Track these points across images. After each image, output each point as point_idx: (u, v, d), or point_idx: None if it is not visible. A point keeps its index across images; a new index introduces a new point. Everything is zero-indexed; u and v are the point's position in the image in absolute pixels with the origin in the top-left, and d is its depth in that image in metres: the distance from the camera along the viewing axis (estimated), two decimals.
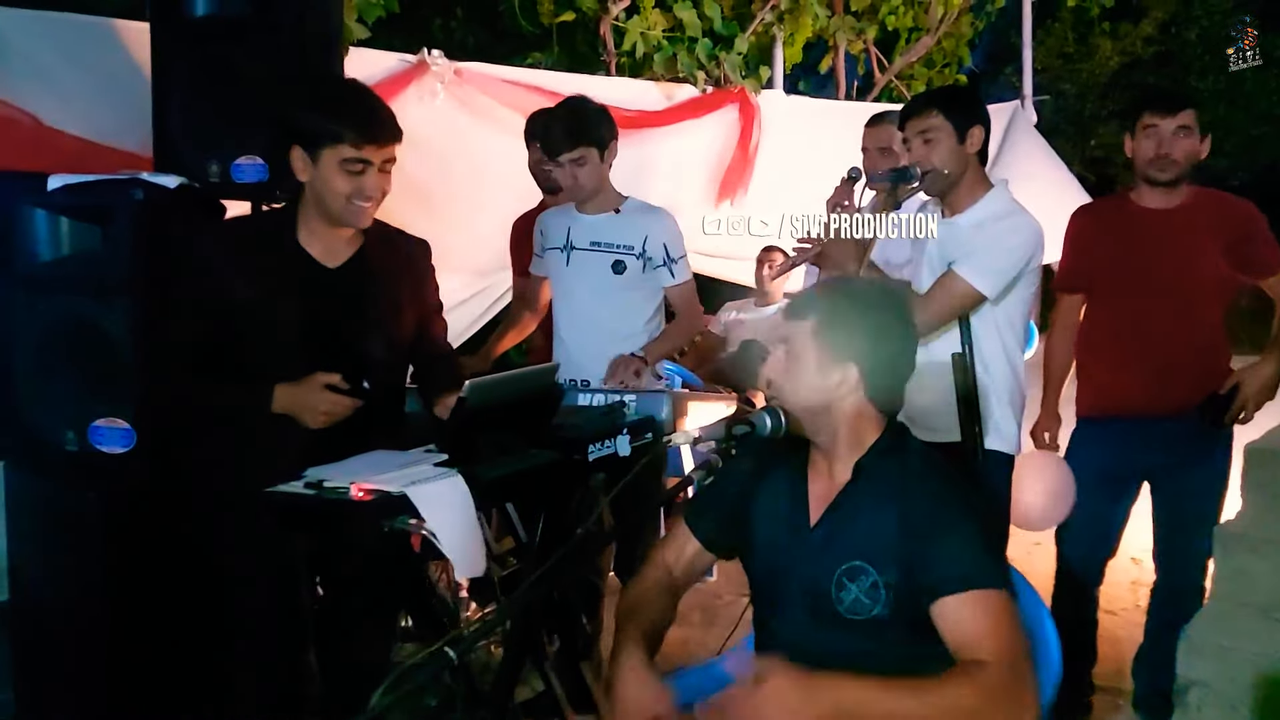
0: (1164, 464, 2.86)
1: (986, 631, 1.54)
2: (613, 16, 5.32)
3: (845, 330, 1.69)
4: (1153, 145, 2.81)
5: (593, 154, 2.88)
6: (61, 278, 2.59)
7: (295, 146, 2.21)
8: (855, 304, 1.74)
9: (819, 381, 1.68)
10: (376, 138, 2.17)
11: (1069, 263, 3.05)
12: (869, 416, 1.72)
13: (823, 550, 1.68)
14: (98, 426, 2.57)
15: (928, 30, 6.92)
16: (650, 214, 3.01)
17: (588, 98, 3.02)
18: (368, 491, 1.75)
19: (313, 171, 2.19)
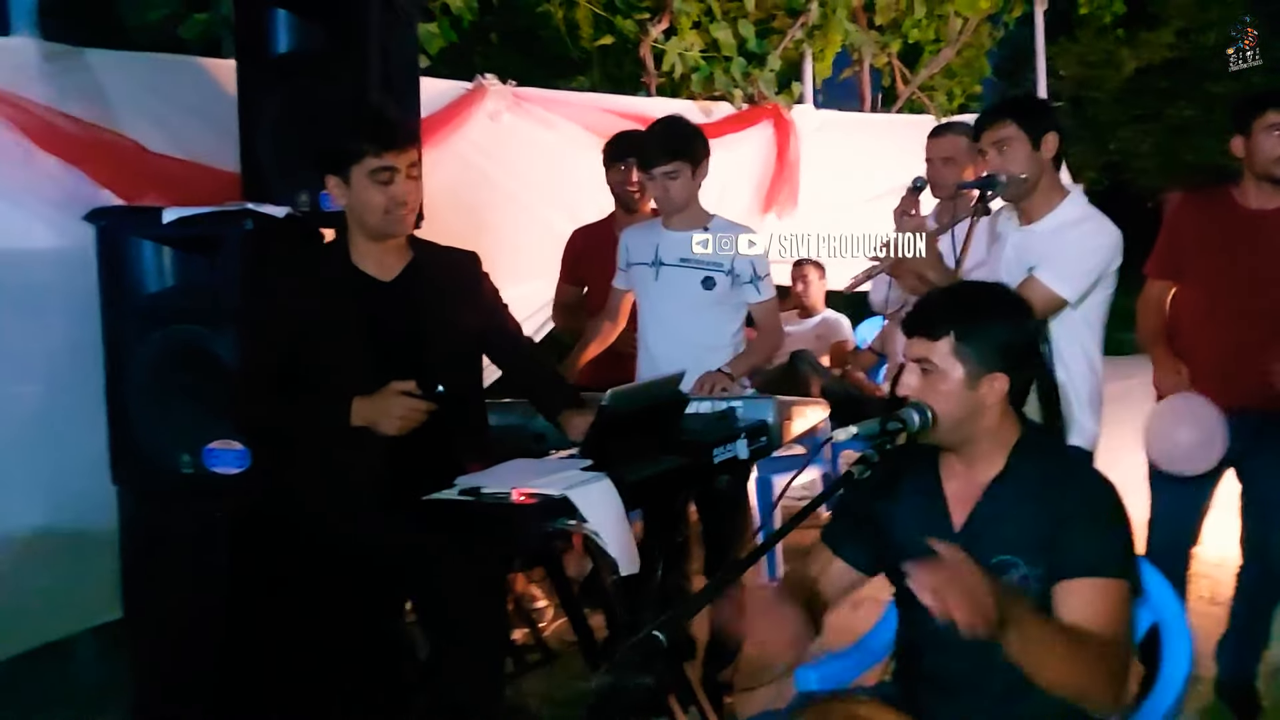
0: (1249, 452, 2.90)
1: (1104, 616, 1.62)
2: (652, 38, 5.44)
3: (983, 340, 1.73)
4: (1276, 142, 2.83)
5: (685, 169, 2.96)
6: (174, 307, 2.69)
7: (329, 177, 2.33)
8: (984, 312, 1.78)
9: (967, 395, 1.72)
10: (394, 143, 2.29)
11: (1165, 250, 3.10)
12: (1010, 417, 1.79)
13: (970, 547, 1.72)
14: (212, 449, 2.67)
15: (948, 42, 7.05)
16: (739, 232, 3.10)
17: (682, 116, 3.12)
18: (529, 495, 1.83)
19: (349, 194, 2.31)
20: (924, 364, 1.74)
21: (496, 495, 1.87)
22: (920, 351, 1.74)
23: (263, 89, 2.98)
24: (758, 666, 3.37)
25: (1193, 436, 2.80)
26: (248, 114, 2.98)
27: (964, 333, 1.72)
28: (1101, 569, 1.64)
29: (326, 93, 2.93)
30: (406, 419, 2.18)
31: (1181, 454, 2.83)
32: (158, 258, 2.73)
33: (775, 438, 2.35)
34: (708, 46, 5.47)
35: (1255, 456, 2.92)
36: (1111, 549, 1.67)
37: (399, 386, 2.19)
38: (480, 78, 4.33)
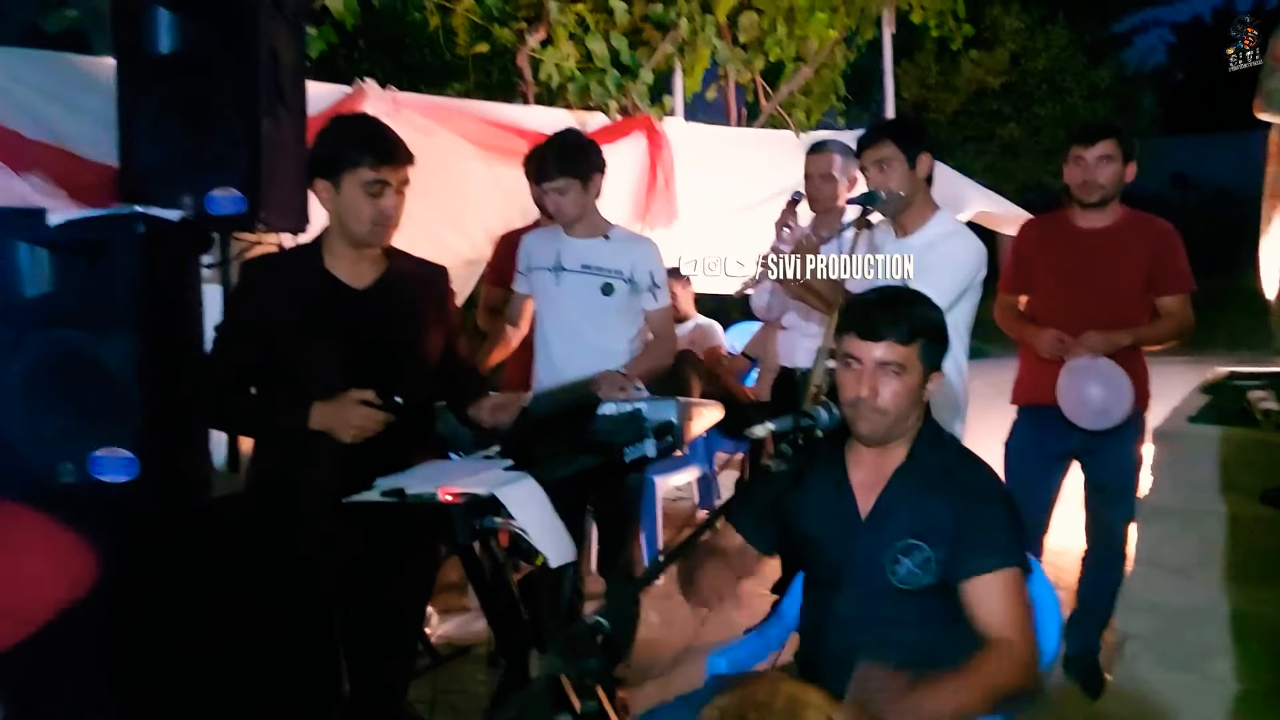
0: (1088, 445, 3.21)
1: (1011, 608, 1.80)
2: (529, 48, 5.50)
3: (938, 347, 1.92)
4: (1080, 172, 3.19)
5: (575, 185, 3.06)
6: (55, 311, 2.59)
7: (318, 179, 2.33)
8: (940, 323, 1.96)
9: (919, 393, 1.91)
10: (393, 159, 2.32)
11: (1013, 270, 3.41)
12: (922, 412, 1.97)
13: (877, 533, 1.90)
14: (99, 457, 2.58)
15: (807, 61, 7.37)
16: (637, 242, 3.23)
17: (580, 132, 3.20)
18: (457, 494, 1.87)
19: (336, 199, 2.31)
20: (890, 366, 1.88)
21: (422, 495, 1.90)
22: (888, 355, 1.88)
23: (143, 88, 2.91)
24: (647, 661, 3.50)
25: (1103, 390, 3.06)
26: (127, 113, 2.91)
27: (928, 339, 1.90)
28: (1004, 560, 1.83)
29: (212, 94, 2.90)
30: (363, 427, 2.20)
31: (1099, 407, 3.08)
32: (39, 260, 2.62)
33: (679, 437, 2.46)
34: (583, 58, 5.56)
35: (1098, 450, 3.23)
36: (1009, 538, 1.86)
37: (358, 395, 2.20)
38: (360, 81, 4.30)
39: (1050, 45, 14.34)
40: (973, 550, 1.82)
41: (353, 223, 2.31)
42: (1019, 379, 3.33)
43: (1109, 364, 3.07)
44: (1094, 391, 3.06)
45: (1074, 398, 3.10)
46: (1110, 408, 3.06)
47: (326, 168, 2.32)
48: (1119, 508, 3.24)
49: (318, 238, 2.40)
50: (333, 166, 2.31)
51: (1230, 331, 7.27)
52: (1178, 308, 3.22)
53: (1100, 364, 3.07)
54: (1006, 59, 14.10)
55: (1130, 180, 3.21)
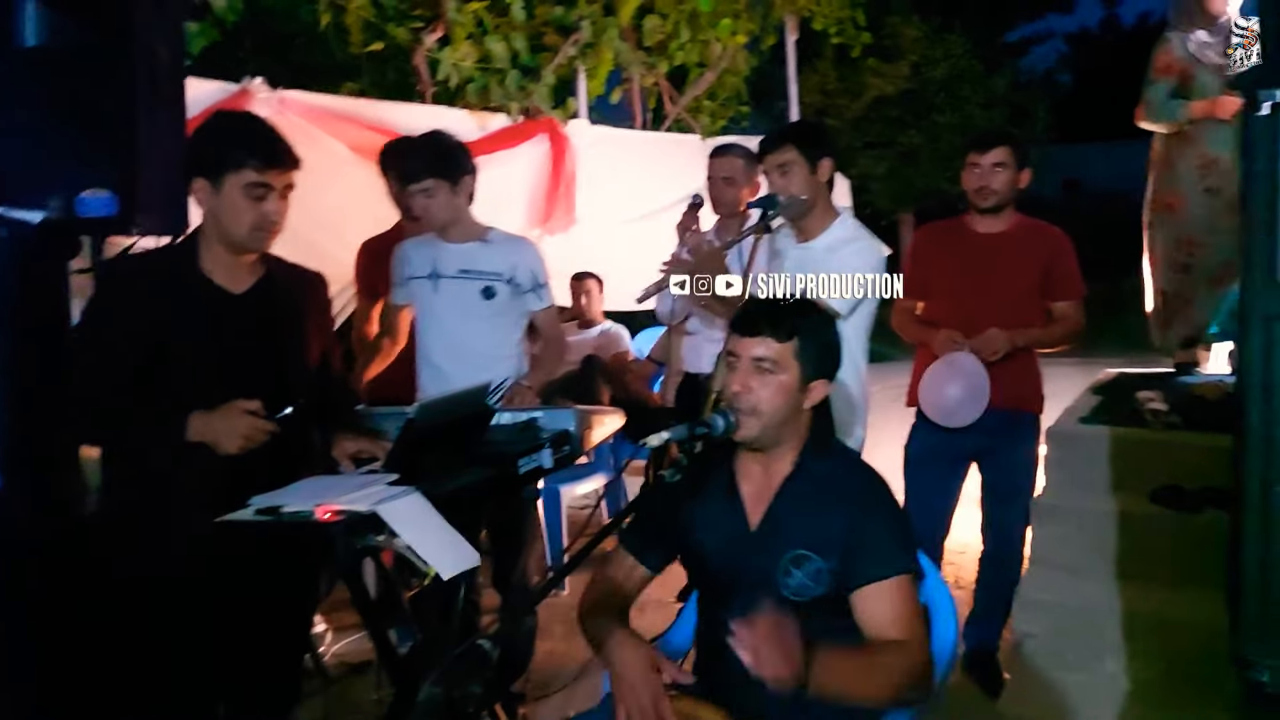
0: (985, 447, 3.25)
1: (902, 615, 1.78)
2: (426, 47, 5.37)
3: (821, 350, 1.88)
4: (975, 178, 3.25)
5: (443, 186, 2.96)
6: None
7: (197, 178, 2.20)
8: (826, 327, 1.93)
9: (795, 396, 1.86)
10: (278, 163, 2.21)
11: (912, 273, 3.43)
12: (808, 420, 1.93)
13: (768, 544, 1.87)
14: None
15: (710, 66, 7.38)
16: (516, 243, 3.14)
17: (447, 133, 3.10)
18: (335, 513, 1.78)
19: (214, 200, 2.19)
20: (764, 363, 1.84)
21: (299, 514, 1.80)
22: (763, 351, 1.85)
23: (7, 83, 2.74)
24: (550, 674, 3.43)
25: (961, 392, 3.09)
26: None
27: (808, 340, 1.85)
28: (895, 567, 1.80)
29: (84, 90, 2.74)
30: (249, 439, 2.08)
31: (952, 407, 3.11)
32: None
33: (577, 447, 2.40)
34: (483, 58, 5.45)
35: (994, 452, 3.28)
36: (900, 545, 1.83)
37: (244, 405, 2.09)
38: (247, 80, 4.14)
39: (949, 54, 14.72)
40: (863, 559, 1.80)
41: (232, 226, 2.19)
42: (914, 382, 3.35)
43: (975, 365, 3.09)
44: (952, 391, 3.09)
45: (933, 393, 3.14)
46: (961, 409, 3.10)
47: (207, 166, 2.20)
48: (1014, 508, 3.29)
49: (190, 238, 2.27)
50: (214, 165, 2.19)
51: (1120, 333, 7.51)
52: (1070, 312, 3.29)
53: (967, 365, 3.10)
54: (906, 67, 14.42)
55: (1024, 186, 3.27)
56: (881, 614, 1.78)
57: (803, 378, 1.86)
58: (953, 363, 3.11)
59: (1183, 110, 4.16)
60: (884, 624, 1.77)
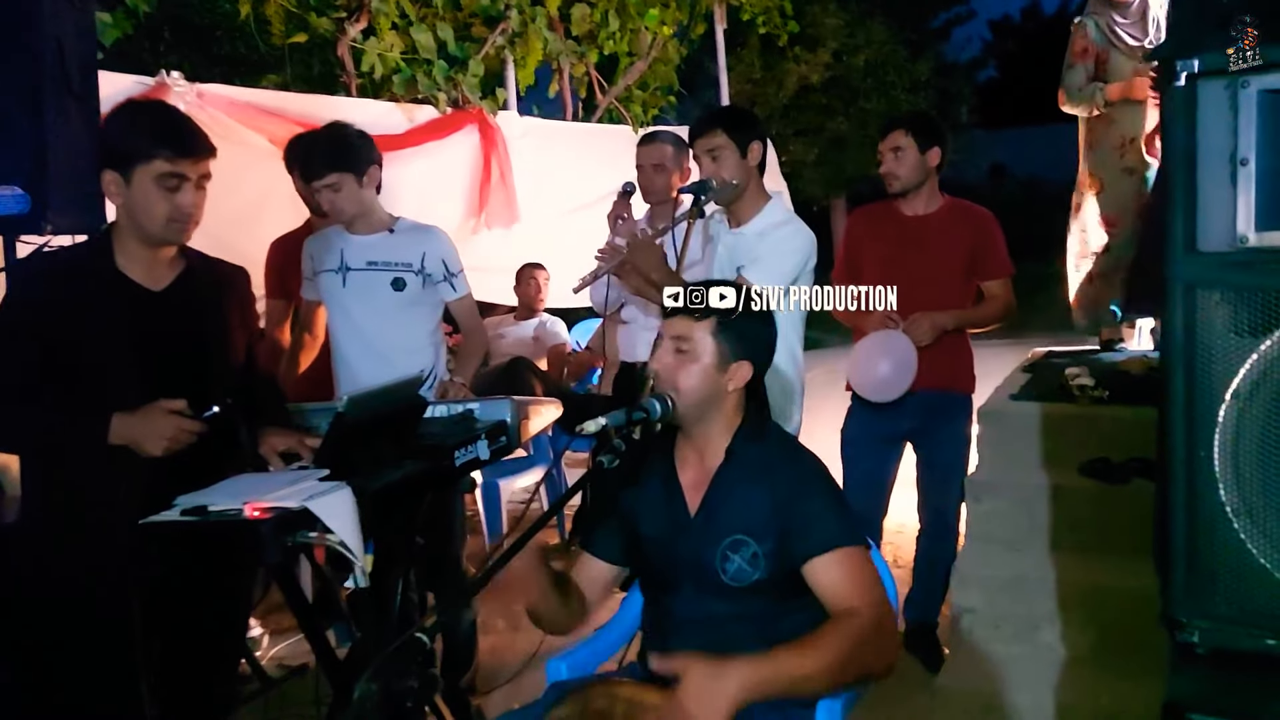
0: (919, 428, 3.30)
1: (854, 583, 1.77)
2: (350, 38, 5.27)
3: (741, 329, 1.86)
4: (882, 166, 3.33)
5: (348, 180, 2.89)
6: None
7: (107, 170, 2.12)
8: (747, 305, 1.89)
9: (715, 377, 1.84)
10: (191, 152, 2.13)
11: (844, 257, 3.47)
12: (739, 405, 1.92)
13: (705, 531, 1.86)
14: None
15: (640, 56, 7.36)
16: (425, 232, 3.06)
17: (347, 124, 3.02)
18: (264, 510, 1.73)
19: (127, 193, 2.12)
20: (682, 342, 1.84)
21: (226, 513, 1.74)
22: (681, 330, 1.84)
23: None
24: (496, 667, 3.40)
25: (890, 368, 3.11)
26: None
27: (726, 318, 1.84)
28: (839, 540, 1.78)
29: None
30: (174, 440, 2.01)
31: (881, 383, 3.13)
32: None
33: (514, 437, 2.36)
34: (408, 49, 5.37)
35: (928, 432, 3.32)
36: (840, 520, 1.82)
37: (168, 405, 2.01)
38: (164, 74, 4.02)
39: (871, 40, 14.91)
40: (803, 536, 1.79)
41: (146, 220, 2.11)
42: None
43: (904, 341, 3.13)
44: (882, 367, 3.12)
45: (863, 370, 3.16)
46: (890, 385, 3.13)
47: (116, 158, 2.11)
48: (950, 486, 3.34)
49: (104, 234, 2.19)
50: (124, 158, 2.10)
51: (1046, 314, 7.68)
52: (1000, 291, 3.34)
53: (896, 341, 3.13)
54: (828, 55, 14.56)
55: (935, 165, 3.29)
56: (831, 584, 1.77)
57: (721, 358, 1.84)
58: (882, 340, 3.14)
59: (1100, 93, 4.25)
60: (836, 593, 1.76)
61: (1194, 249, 1.41)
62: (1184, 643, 1.46)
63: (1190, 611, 1.46)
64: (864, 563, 1.80)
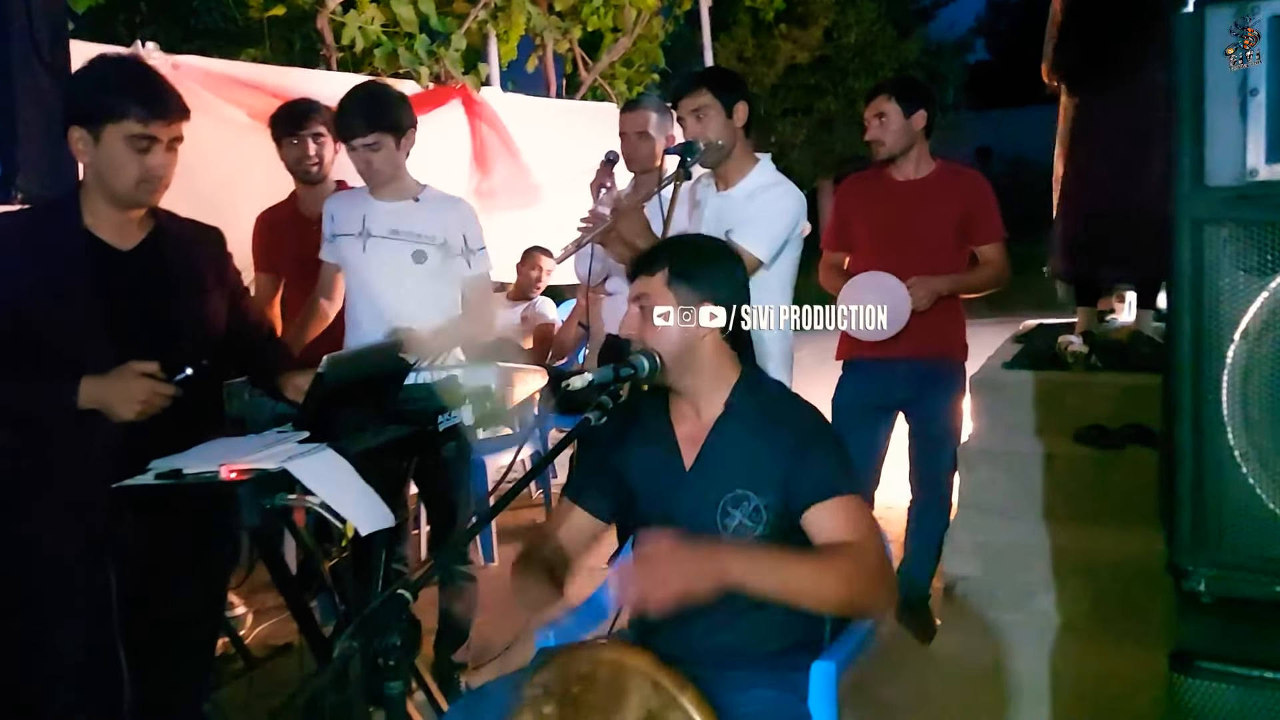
0: (912, 397, 3.25)
1: (852, 526, 1.72)
2: (330, 11, 5.18)
3: (696, 275, 1.82)
4: (867, 131, 3.28)
5: (387, 140, 2.81)
6: None
7: (75, 127, 2.05)
8: (699, 251, 1.89)
9: (679, 325, 1.80)
10: (164, 113, 2.06)
11: (835, 225, 3.41)
12: (726, 355, 1.87)
13: (703, 485, 1.81)
14: None
15: (625, 32, 7.29)
16: (450, 203, 2.98)
17: (386, 85, 2.96)
18: (241, 471, 1.67)
19: (94, 152, 2.04)
20: (642, 300, 1.81)
21: (202, 475, 1.69)
22: (639, 289, 1.82)
23: None
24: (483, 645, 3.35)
25: (882, 299, 3.03)
26: None
27: (679, 267, 1.81)
28: (839, 488, 1.74)
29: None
30: (147, 403, 1.94)
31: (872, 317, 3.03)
32: None
33: (499, 404, 2.31)
34: (389, 22, 5.28)
35: (920, 400, 3.27)
36: (841, 469, 1.78)
37: (139, 367, 1.95)
38: (139, 45, 3.93)
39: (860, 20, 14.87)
40: (804, 486, 1.74)
41: (114, 181, 2.04)
42: (842, 335, 3.32)
43: (894, 281, 3.07)
44: (873, 298, 3.05)
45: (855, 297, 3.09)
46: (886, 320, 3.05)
47: (84, 115, 2.03)
48: (942, 455, 3.29)
49: (72, 193, 2.12)
50: (92, 115, 2.02)
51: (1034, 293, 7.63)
52: (994, 255, 3.28)
53: (884, 279, 3.07)
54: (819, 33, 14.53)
55: (922, 128, 3.24)
56: (830, 528, 1.72)
57: (682, 304, 1.80)
58: (873, 277, 3.09)
59: None
60: (834, 536, 1.72)
61: (1201, 184, 1.36)
62: (1190, 591, 1.41)
63: (1196, 560, 1.41)
64: (863, 509, 1.77)
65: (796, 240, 2.82)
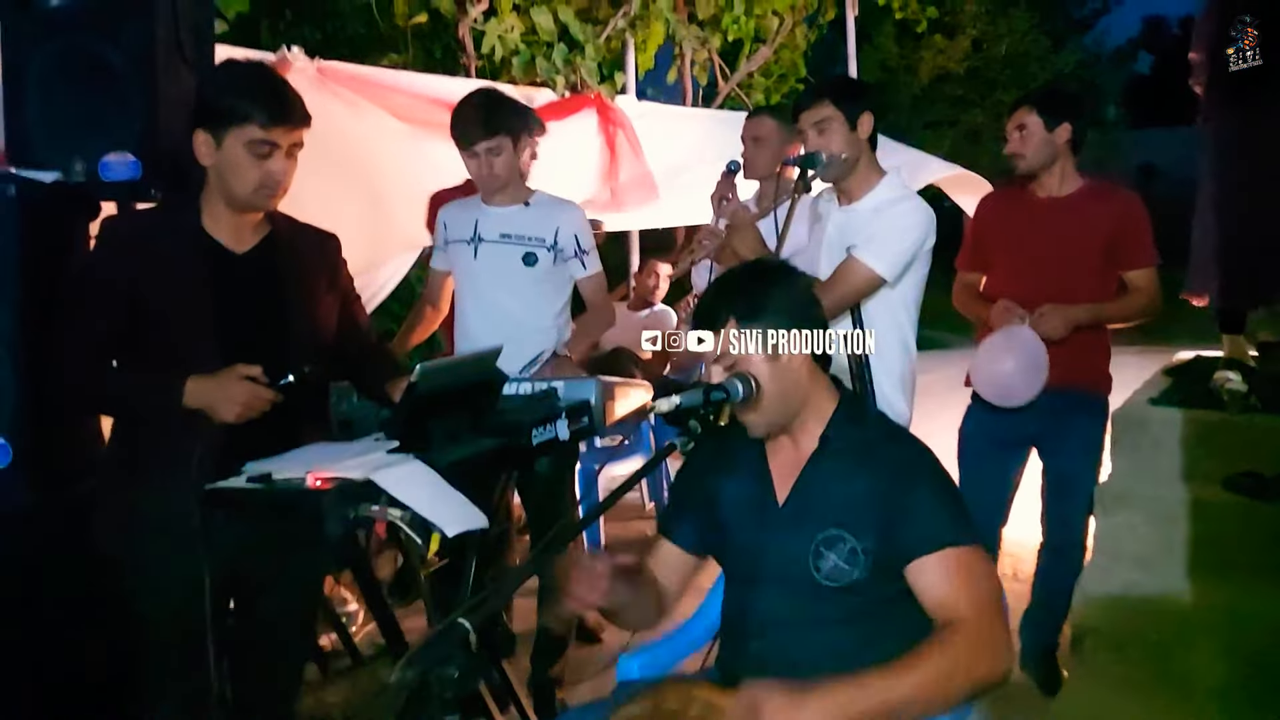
0: (1047, 432, 3.03)
1: (961, 586, 1.59)
2: (471, 19, 5.26)
3: (765, 308, 1.70)
4: (1008, 144, 3.10)
5: (507, 144, 2.83)
6: None
7: (199, 130, 2.09)
8: (754, 283, 1.76)
9: (775, 366, 1.69)
10: (286, 120, 2.08)
11: (971, 244, 3.24)
12: (822, 383, 1.76)
13: (796, 523, 1.70)
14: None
15: (766, 41, 7.19)
16: (561, 206, 2.99)
17: (500, 90, 2.98)
18: (326, 480, 1.66)
19: (217, 155, 2.08)
20: (721, 360, 1.71)
21: (290, 481, 1.68)
22: (709, 346, 1.72)
23: (31, 44, 2.67)
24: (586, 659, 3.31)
25: (1016, 367, 2.86)
26: (13, 72, 2.66)
27: (742, 309, 1.70)
28: (950, 538, 1.61)
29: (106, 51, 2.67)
30: (247, 406, 1.96)
31: (1007, 384, 2.89)
32: None
33: (598, 419, 2.25)
34: (529, 31, 5.33)
35: (1055, 435, 3.05)
36: (953, 516, 1.64)
37: (244, 371, 1.97)
38: (285, 50, 4.06)
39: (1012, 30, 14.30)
40: (910, 532, 1.61)
41: (234, 184, 2.08)
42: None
43: (1033, 338, 2.87)
44: (1007, 366, 2.87)
45: (986, 368, 2.92)
46: (1017, 387, 2.87)
47: (209, 119, 2.08)
48: (1077, 495, 3.06)
49: (193, 194, 2.17)
50: (217, 119, 2.06)
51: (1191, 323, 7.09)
52: (1144, 282, 3.03)
53: (1024, 337, 2.88)
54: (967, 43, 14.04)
55: (1067, 141, 3.03)
56: (936, 587, 1.59)
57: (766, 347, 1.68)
58: (1009, 335, 2.89)
59: None
60: (941, 599, 1.59)
61: None
62: None
63: None
64: (975, 564, 1.61)
65: (924, 258, 2.68)
